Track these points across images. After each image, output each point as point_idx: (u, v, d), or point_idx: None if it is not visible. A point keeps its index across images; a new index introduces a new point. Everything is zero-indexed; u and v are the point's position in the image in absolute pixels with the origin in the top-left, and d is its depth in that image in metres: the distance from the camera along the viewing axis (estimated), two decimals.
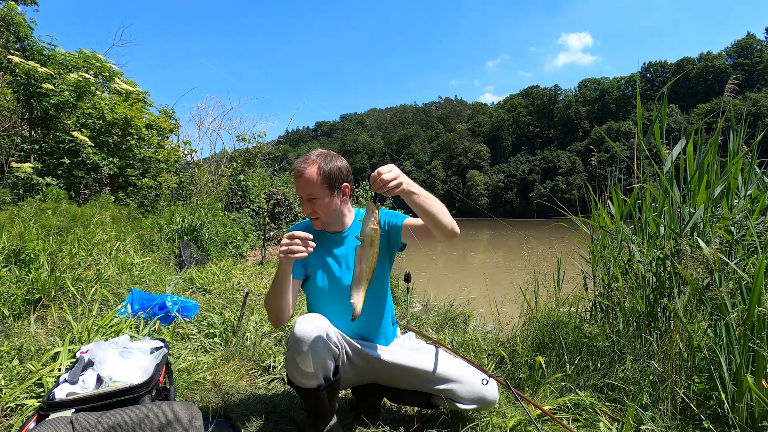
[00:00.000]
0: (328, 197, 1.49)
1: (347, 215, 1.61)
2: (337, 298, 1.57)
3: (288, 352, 1.41)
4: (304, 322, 1.39)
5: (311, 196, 1.48)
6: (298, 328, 1.38)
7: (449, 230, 1.44)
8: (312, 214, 1.51)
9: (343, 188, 1.52)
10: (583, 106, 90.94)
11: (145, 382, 1.29)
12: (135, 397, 1.25)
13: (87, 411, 1.12)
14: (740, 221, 2.12)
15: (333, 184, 1.48)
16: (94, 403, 1.20)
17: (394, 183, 1.25)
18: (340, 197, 1.53)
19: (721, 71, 77.57)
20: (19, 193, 4.76)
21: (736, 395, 1.52)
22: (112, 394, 1.23)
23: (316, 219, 1.53)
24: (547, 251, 2.86)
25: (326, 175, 1.46)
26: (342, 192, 1.53)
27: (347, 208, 1.61)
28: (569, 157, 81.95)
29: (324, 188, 1.47)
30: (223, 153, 9.38)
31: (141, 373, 1.34)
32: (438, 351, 1.64)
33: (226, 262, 5.10)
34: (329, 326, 1.43)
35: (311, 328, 1.38)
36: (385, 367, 1.57)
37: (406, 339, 1.77)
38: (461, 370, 1.58)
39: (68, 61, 6.45)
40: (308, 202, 1.50)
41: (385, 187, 1.25)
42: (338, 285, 1.57)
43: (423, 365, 1.57)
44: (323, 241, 1.61)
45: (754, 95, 65.01)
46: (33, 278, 2.57)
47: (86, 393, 1.24)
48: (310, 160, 1.48)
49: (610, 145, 2.82)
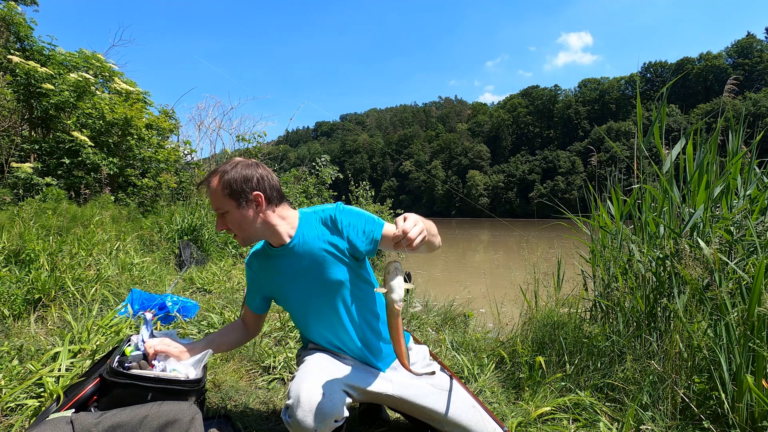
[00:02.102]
0: (236, 209, 1.32)
1: (280, 224, 1.38)
2: (304, 314, 1.46)
3: (286, 422, 1.24)
4: (307, 411, 1.20)
5: (218, 209, 1.33)
6: (300, 414, 1.20)
7: (436, 249, 1.40)
8: (227, 230, 1.36)
9: (254, 198, 1.32)
10: (583, 106, 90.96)
11: (197, 380, 1.31)
12: (185, 391, 1.27)
13: (142, 389, 1.19)
14: (740, 221, 2.12)
15: (237, 194, 1.30)
16: (158, 384, 1.25)
17: (419, 239, 1.11)
18: (253, 208, 1.33)
19: (721, 71, 77.60)
20: (19, 193, 4.75)
21: (736, 395, 1.52)
22: (175, 382, 1.26)
23: (235, 236, 1.37)
24: (547, 251, 2.86)
25: (227, 184, 1.30)
26: (254, 202, 1.33)
27: (277, 217, 1.38)
28: (569, 157, 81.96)
29: (228, 200, 1.31)
30: (223, 153, 9.39)
31: (192, 371, 1.36)
32: (452, 386, 1.47)
33: (226, 262, 5.09)
34: (332, 406, 1.22)
35: (314, 419, 1.20)
36: (394, 401, 1.41)
37: (421, 356, 1.59)
38: (476, 417, 1.42)
39: (68, 61, 6.45)
40: (219, 217, 1.35)
41: (411, 246, 1.10)
42: (300, 302, 1.44)
43: (434, 405, 1.39)
44: (273, 260, 1.44)
45: (754, 95, 65.04)
46: (33, 278, 2.57)
47: (154, 372, 1.29)
48: (216, 170, 1.34)
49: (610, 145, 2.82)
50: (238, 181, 1.30)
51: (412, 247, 1.10)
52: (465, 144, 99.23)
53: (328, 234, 1.39)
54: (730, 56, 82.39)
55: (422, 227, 1.13)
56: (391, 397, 1.39)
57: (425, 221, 1.23)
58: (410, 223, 1.11)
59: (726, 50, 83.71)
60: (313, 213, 1.43)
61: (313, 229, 1.40)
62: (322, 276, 1.38)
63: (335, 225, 1.39)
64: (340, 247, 1.38)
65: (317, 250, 1.38)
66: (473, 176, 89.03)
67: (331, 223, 1.40)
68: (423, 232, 1.12)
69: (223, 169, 1.33)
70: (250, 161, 1.37)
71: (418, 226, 1.12)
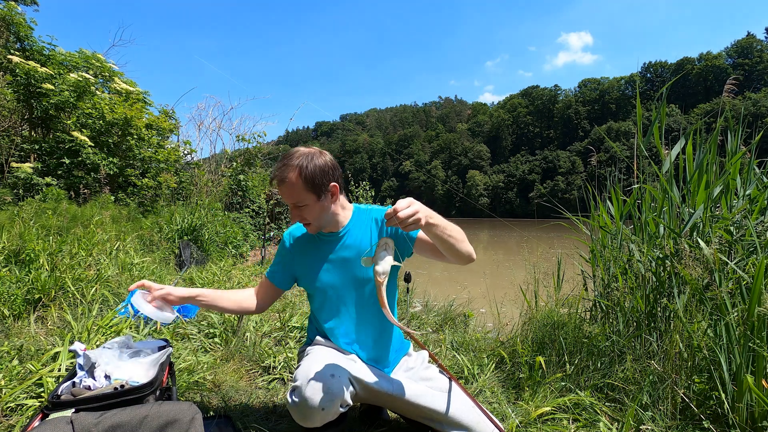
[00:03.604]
0: (316, 202, 1.36)
1: (341, 213, 1.47)
2: (331, 301, 1.49)
3: (292, 404, 1.26)
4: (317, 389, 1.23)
5: (297, 203, 1.36)
6: (308, 392, 1.23)
7: (466, 258, 1.35)
8: (302, 221, 1.41)
9: (331, 189, 1.38)
10: (583, 106, 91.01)
11: (149, 383, 1.28)
12: (139, 397, 1.24)
13: (89, 410, 1.12)
14: (739, 221, 2.12)
15: (318, 187, 1.34)
16: (99, 402, 1.19)
17: (411, 219, 1.14)
18: (330, 199, 1.40)
19: (721, 71, 77.63)
20: (19, 193, 4.76)
21: (736, 395, 1.52)
22: (115, 395, 1.22)
23: (308, 225, 1.42)
24: (547, 251, 2.86)
25: (308, 179, 1.32)
26: (330, 193, 1.39)
27: (340, 206, 1.46)
28: (569, 157, 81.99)
29: (309, 193, 1.34)
30: (223, 153, 9.40)
31: (145, 373, 1.34)
32: (452, 387, 1.48)
33: (226, 262, 5.10)
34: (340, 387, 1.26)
35: (322, 397, 1.22)
36: (394, 401, 1.43)
37: (419, 361, 1.62)
38: (476, 417, 1.42)
39: (68, 61, 6.45)
40: (295, 209, 1.38)
41: (401, 224, 1.14)
42: (331, 288, 1.48)
43: (436, 406, 1.40)
44: (317, 243, 1.51)
45: (754, 95, 65.05)
46: (33, 278, 2.57)
47: (90, 393, 1.24)
48: (290, 164, 1.34)
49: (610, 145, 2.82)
50: (318, 175, 1.33)
51: (403, 224, 1.14)
52: (465, 144, 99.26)
53: (376, 231, 1.48)
54: (730, 56, 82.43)
55: (417, 209, 1.16)
56: (391, 396, 1.40)
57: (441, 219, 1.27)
58: (404, 202, 1.16)
59: (726, 50, 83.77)
60: (368, 211, 1.52)
61: (363, 224, 1.49)
62: (361, 270, 1.45)
63: (383, 224, 1.47)
64: None
65: (365, 244, 1.46)
66: (473, 176, 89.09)
67: (381, 222, 1.48)
68: (417, 214, 1.15)
69: (299, 163, 1.33)
70: (315, 150, 1.39)
71: (413, 207, 1.15)
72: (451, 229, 1.30)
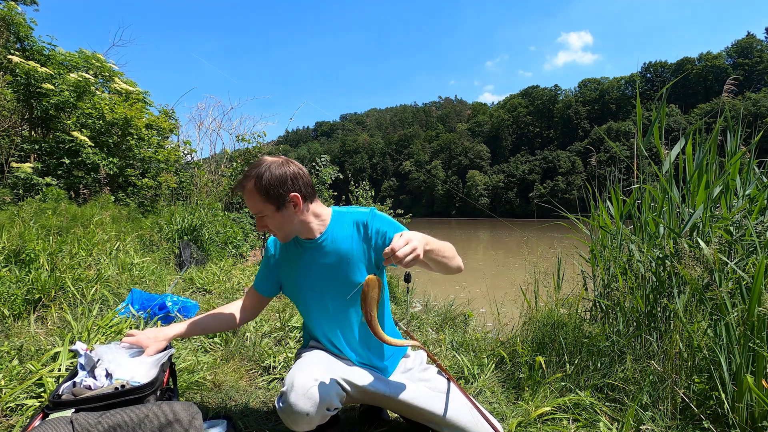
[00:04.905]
0: (275, 212, 1.31)
1: (313, 221, 1.40)
2: (315, 307, 1.47)
3: (279, 410, 1.27)
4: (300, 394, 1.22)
5: (258, 213, 1.33)
6: (293, 398, 1.22)
7: (455, 272, 1.37)
8: (267, 230, 1.37)
9: (292, 199, 1.31)
10: (583, 106, 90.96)
11: (149, 383, 1.28)
12: (139, 397, 1.24)
13: (89, 410, 1.12)
14: (739, 221, 2.12)
15: (275, 198, 1.29)
16: (99, 402, 1.19)
17: (410, 257, 1.10)
18: (292, 210, 1.33)
19: (721, 71, 77.59)
20: (19, 193, 4.76)
21: (736, 395, 1.52)
22: (116, 395, 1.23)
23: (275, 234, 1.38)
24: (547, 251, 2.86)
25: (263, 189, 1.28)
26: (292, 203, 1.32)
27: (311, 215, 1.39)
28: (569, 157, 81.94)
29: (266, 204, 1.30)
30: (223, 153, 9.39)
31: (146, 373, 1.34)
32: (450, 388, 1.47)
33: (226, 262, 5.10)
34: (326, 391, 1.25)
35: (306, 403, 1.22)
36: (391, 402, 1.42)
37: (417, 362, 1.60)
38: (474, 419, 1.41)
39: (68, 61, 6.45)
40: (259, 218, 1.34)
41: (400, 263, 1.10)
42: (312, 295, 1.45)
43: (433, 408, 1.39)
44: (299, 250, 1.46)
45: (753, 95, 65.05)
46: (33, 278, 2.56)
47: (90, 393, 1.24)
48: (249, 174, 1.30)
49: (610, 145, 2.82)
50: (273, 185, 1.28)
51: (401, 264, 1.10)
52: (465, 144, 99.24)
53: (358, 237, 1.41)
54: (730, 56, 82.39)
55: (414, 246, 1.12)
56: (388, 397, 1.40)
57: (436, 242, 1.25)
58: (402, 241, 1.12)
59: (726, 50, 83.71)
60: (348, 213, 1.45)
61: (344, 229, 1.42)
62: (344, 276, 1.40)
63: (366, 229, 1.41)
64: (366, 252, 1.40)
65: (345, 250, 1.40)
66: (473, 176, 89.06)
67: (362, 226, 1.41)
68: (414, 252, 1.11)
69: (256, 172, 1.29)
70: (280, 159, 1.35)
71: (411, 245, 1.12)
72: (444, 249, 1.30)
